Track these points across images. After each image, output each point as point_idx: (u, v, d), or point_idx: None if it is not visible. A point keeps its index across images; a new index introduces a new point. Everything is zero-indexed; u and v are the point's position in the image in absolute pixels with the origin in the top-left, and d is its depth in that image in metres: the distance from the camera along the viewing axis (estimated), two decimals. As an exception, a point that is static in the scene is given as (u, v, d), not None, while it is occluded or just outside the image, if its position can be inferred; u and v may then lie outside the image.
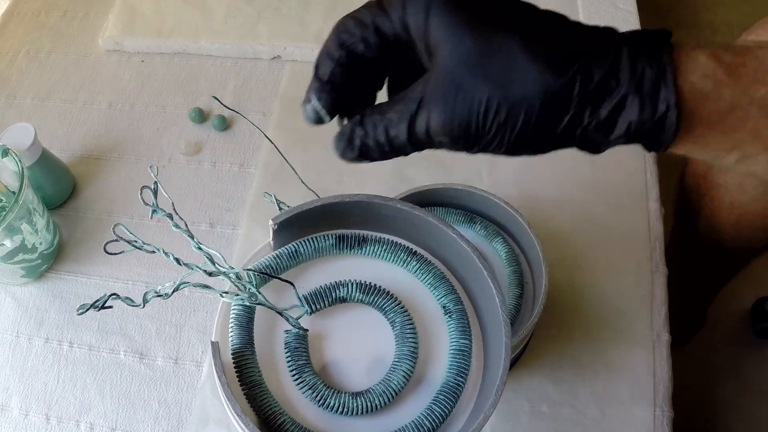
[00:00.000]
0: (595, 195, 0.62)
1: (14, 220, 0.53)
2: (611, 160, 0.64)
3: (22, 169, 0.54)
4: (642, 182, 0.63)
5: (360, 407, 0.34)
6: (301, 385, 0.35)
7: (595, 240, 0.60)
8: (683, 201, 0.74)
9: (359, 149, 0.32)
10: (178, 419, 0.52)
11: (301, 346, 0.36)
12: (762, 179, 0.59)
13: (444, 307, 0.37)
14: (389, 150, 0.31)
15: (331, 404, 0.34)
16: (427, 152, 0.30)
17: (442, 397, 0.35)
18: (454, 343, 0.36)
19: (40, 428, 0.53)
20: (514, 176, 0.64)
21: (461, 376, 0.35)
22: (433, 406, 0.34)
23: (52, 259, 0.60)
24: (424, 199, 0.54)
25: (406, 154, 0.32)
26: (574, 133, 0.29)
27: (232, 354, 0.35)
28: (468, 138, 0.29)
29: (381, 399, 0.34)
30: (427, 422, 0.34)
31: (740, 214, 0.65)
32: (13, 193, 0.59)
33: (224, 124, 0.68)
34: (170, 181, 0.65)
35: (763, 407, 0.95)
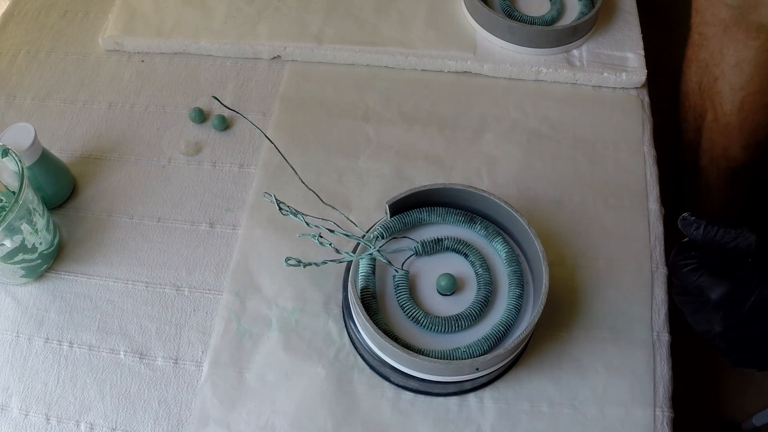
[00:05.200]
0: (595, 195, 0.62)
1: (14, 220, 0.53)
2: (611, 160, 0.65)
3: (22, 169, 0.54)
4: (642, 182, 0.63)
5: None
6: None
7: (595, 240, 0.60)
8: (685, 130, 0.76)
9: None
10: (178, 419, 0.52)
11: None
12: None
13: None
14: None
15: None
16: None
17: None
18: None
19: (40, 428, 0.53)
20: (514, 176, 0.64)
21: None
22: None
23: (52, 259, 0.60)
24: (425, 199, 0.54)
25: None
26: None
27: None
28: None
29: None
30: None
31: (743, 97, 0.67)
32: (13, 193, 0.59)
33: (224, 124, 0.68)
34: (170, 181, 0.65)
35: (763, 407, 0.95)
